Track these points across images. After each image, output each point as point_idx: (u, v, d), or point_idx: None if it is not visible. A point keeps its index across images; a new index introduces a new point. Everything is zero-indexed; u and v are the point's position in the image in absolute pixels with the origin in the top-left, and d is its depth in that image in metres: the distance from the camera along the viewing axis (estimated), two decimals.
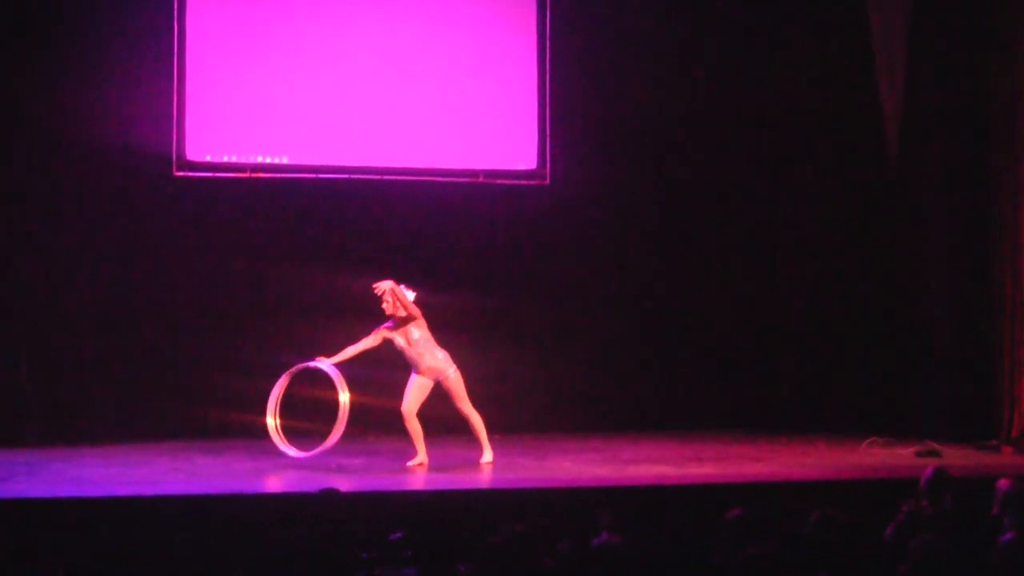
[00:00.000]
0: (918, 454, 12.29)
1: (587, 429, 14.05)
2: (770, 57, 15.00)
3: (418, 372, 11.58)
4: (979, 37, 13.56)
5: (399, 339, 11.58)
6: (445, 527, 7.77)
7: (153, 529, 9.09)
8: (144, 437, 13.08)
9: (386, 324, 11.62)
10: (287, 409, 11.78)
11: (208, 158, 14.02)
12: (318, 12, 14.25)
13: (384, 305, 11.57)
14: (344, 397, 11.46)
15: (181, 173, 13.92)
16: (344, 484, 9.88)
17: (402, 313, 11.54)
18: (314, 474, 10.97)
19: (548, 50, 14.70)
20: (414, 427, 11.55)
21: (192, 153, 13.94)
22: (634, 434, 13.80)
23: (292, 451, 11.50)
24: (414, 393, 11.57)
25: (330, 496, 7.90)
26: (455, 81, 14.52)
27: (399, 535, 7.07)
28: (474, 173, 14.60)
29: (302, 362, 11.67)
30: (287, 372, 11.70)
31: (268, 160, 14.14)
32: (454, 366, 11.63)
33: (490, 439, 11.77)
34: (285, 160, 14.19)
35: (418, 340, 11.56)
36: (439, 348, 11.64)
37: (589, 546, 6.54)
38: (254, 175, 14.08)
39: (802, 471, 11.42)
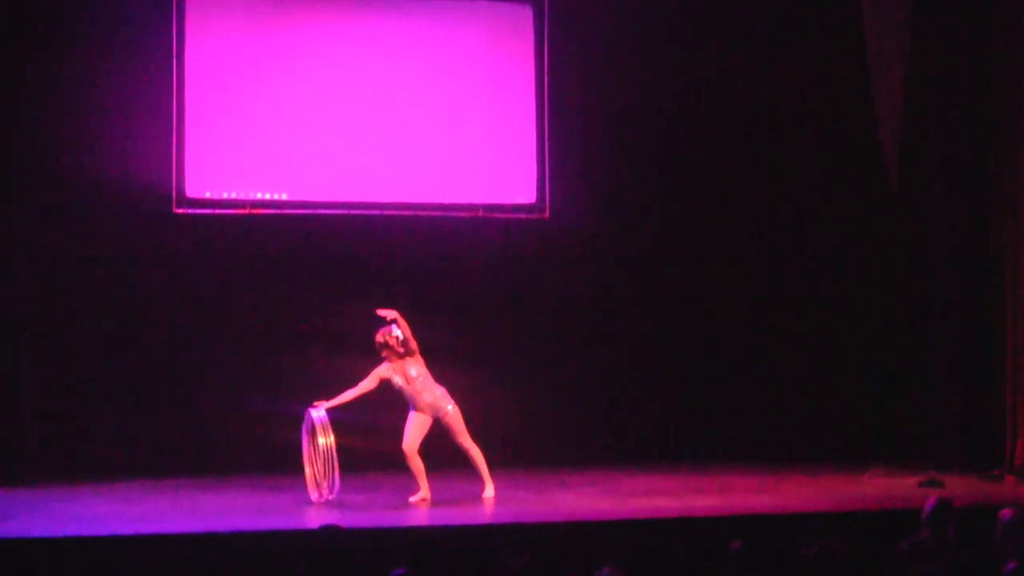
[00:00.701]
0: (921, 484, 12.26)
1: (588, 462, 14.01)
2: (771, 82, 15.06)
3: (417, 409, 11.57)
4: (980, 38, 13.55)
5: (397, 378, 11.57)
6: (447, 563, 7.77)
7: (155, 567, 9.09)
8: (144, 474, 13.04)
9: (382, 365, 11.61)
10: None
11: (208, 195, 14.04)
12: (317, 49, 14.29)
13: (384, 352, 11.56)
14: (322, 440, 11.36)
15: (181, 210, 13.93)
16: (346, 520, 9.85)
17: (399, 351, 11.54)
18: (315, 510, 10.96)
19: (547, 84, 14.74)
20: (416, 464, 11.54)
21: (192, 190, 13.96)
22: (635, 466, 13.77)
23: (316, 495, 11.45)
24: (414, 430, 11.56)
25: (332, 532, 7.87)
26: (454, 116, 14.55)
27: (401, 571, 7.06)
28: (474, 207, 14.62)
29: (303, 409, 11.62)
30: (304, 429, 11.64)
31: (268, 196, 14.16)
32: (452, 402, 11.63)
33: (490, 473, 11.75)
34: (285, 196, 14.21)
35: (416, 377, 11.55)
36: (437, 385, 11.64)
37: None
38: (254, 211, 14.10)
39: (804, 502, 11.40)
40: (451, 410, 11.60)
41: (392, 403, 11.81)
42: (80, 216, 13.53)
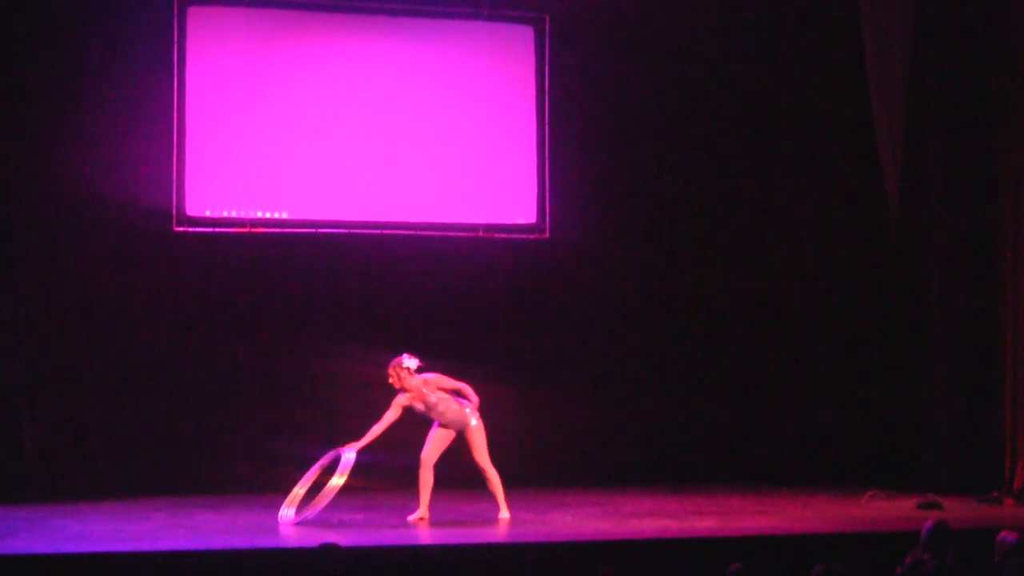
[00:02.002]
0: (919, 506, 12.25)
1: (588, 483, 14.03)
2: (772, 100, 15.13)
3: (441, 424, 11.61)
4: (981, 44, 13.57)
5: (418, 404, 11.58)
6: None
7: None
8: (144, 493, 13.05)
9: (401, 394, 11.61)
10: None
11: (208, 213, 14.05)
12: (318, 69, 14.32)
13: (391, 380, 11.57)
14: (336, 480, 11.37)
15: (181, 228, 13.95)
16: (344, 539, 9.85)
17: (412, 379, 11.53)
18: (314, 529, 10.95)
19: (547, 104, 14.78)
20: (426, 478, 11.51)
21: (192, 208, 13.98)
22: (635, 487, 13.78)
23: (289, 515, 11.43)
24: (435, 443, 11.58)
25: (330, 551, 7.89)
26: (455, 136, 14.58)
27: None
28: (474, 227, 14.64)
29: (332, 451, 11.56)
30: (321, 460, 11.61)
31: (268, 215, 14.17)
32: (478, 417, 11.64)
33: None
34: (285, 215, 14.22)
35: (436, 402, 11.57)
36: (459, 402, 11.65)
37: None
38: (254, 230, 14.11)
39: (803, 524, 11.39)
40: (474, 424, 11.61)
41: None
42: (81, 234, 13.54)
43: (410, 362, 11.57)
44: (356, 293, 14.26)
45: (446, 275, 14.49)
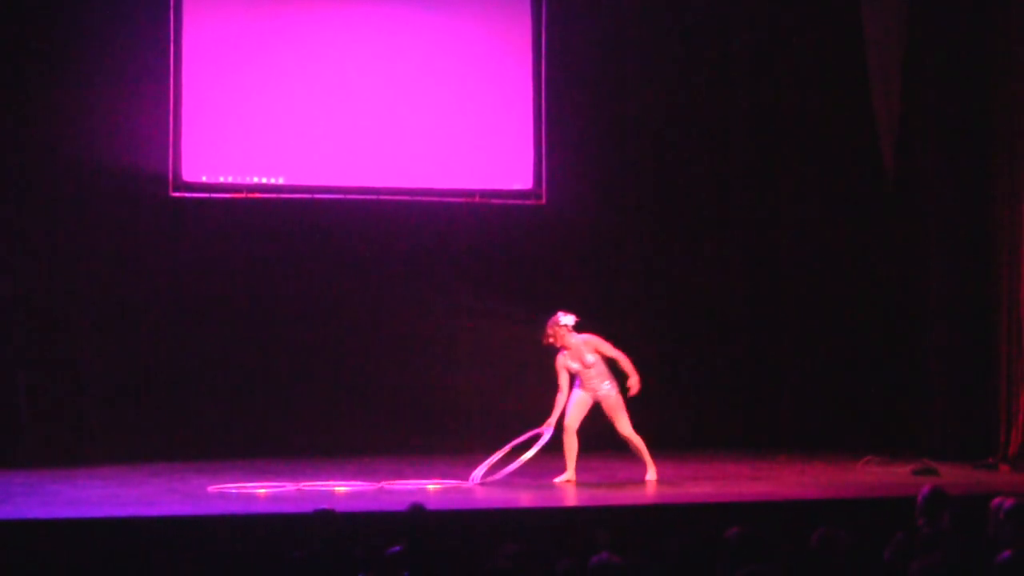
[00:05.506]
0: (915, 472, 12.28)
1: (583, 449, 14.00)
2: (769, 73, 15.06)
3: (583, 388, 11.62)
4: (978, 36, 13.57)
5: (573, 364, 11.60)
6: (444, 547, 7.76)
7: (150, 550, 9.10)
8: (140, 458, 13.06)
9: (559, 355, 11.59)
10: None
11: (204, 179, 14.02)
12: (314, 33, 14.29)
13: (549, 339, 11.60)
14: (528, 455, 11.54)
15: (177, 194, 13.92)
16: (341, 504, 9.84)
17: (571, 341, 11.49)
18: (310, 497, 10.95)
19: (544, 70, 14.73)
20: (570, 443, 11.65)
21: (188, 174, 13.95)
22: (630, 454, 13.76)
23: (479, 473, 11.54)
24: (577, 407, 11.70)
25: (326, 516, 7.89)
26: (451, 101, 14.54)
27: (398, 548, 7.09)
28: (470, 193, 14.61)
29: (532, 431, 11.70)
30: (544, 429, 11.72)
31: (264, 180, 14.14)
32: (616, 388, 11.69)
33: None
34: (281, 180, 14.19)
35: (593, 363, 11.57)
36: (608, 373, 11.72)
37: (587, 566, 6.53)
38: (250, 195, 14.09)
39: (799, 490, 11.42)
40: (603, 394, 11.69)
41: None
42: (76, 200, 13.53)
43: (567, 319, 11.57)
44: (352, 258, 14.24)
45: (442, 240, 14.47)
